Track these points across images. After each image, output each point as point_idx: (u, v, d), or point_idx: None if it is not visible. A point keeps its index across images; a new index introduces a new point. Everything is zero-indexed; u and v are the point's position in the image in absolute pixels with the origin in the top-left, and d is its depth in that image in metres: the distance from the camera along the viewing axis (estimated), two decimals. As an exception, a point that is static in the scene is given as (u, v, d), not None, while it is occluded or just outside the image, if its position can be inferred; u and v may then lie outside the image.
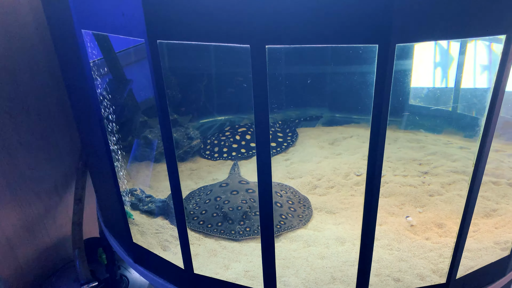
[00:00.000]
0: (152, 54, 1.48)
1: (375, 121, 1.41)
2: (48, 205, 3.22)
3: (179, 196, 1.72)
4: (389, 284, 1.85)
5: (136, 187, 2.49)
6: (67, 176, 3.33)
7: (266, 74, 1.38)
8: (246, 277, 1.94)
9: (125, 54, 2.88)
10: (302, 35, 1.29)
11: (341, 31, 1.28)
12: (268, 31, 1.31)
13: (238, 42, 1.35)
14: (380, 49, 1.29)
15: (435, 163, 2.72)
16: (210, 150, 3.13)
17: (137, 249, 2.11)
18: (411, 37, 1.30)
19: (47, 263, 3.28)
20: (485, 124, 1.52)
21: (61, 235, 3.38)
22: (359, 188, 2.56)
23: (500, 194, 2.39)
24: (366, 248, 1.63)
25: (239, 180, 2.58)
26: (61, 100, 3.09)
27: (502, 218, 2.20)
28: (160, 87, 1.55)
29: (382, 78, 1.33)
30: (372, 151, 1.46)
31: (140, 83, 3.09)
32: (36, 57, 2.84)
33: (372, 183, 1.51)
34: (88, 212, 3.45)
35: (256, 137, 1.48)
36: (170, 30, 1.41)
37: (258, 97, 1.41)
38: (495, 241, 2.05)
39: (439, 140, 3.05)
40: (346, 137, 3.23)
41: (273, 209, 1.58)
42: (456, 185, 2.49)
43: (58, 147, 3.19)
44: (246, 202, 2.33)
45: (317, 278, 1.91)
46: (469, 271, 1.86)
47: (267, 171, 1.51)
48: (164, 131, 1.62)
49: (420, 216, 2.25)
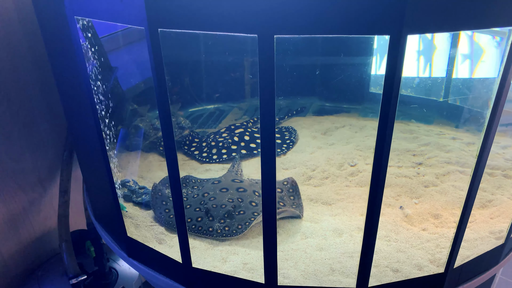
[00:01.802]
0: (153, 44, 1.41)
1: (384, 113, 1.38)
2: (32, 198, 3.11)
3: (178, 187, 1.67)
4: (388, 275, 1.86)
5: (129, 178, 2.43)
6: (51, 167, 3.22)
7: (273, 65, 1.33)
8: (245, 270, 1.92)
9: (109, 39, 2.77)
10: (312, 25, 1.25)
11: (352, 21, 1.25)
12: (277, 20, 1.26)
13: (245, 31, 1.30)
14: (391, 40, 1.26)
15: (429, 154, 2.74)
16: (207, 153, 2.95)
17: (132, 243, 2.06)
18: (423, 28, 1.27)
19: (32, 257, 3.19)
20: (490, 115, 1.51)
21: (46, 228, 3.29)
22: (353, 178, 2.56)
23: (496, 185, 2.43)
24: (369, 241, 1.63)
25: (232, 179, 2.51)
26: (44, 89, 2.97)
27: (497, 209, 2.23)
28: (161, 80, 1.48)
29: (393, 70, 1.30)
30: (379, 141, 1.44)
31: (127, 69, 3.00)
32: (18, 44, 2.71)
33: (378, 177, 1.49)
34: (74, 203, 3.36)
35: (261, 126, 1.44)
36: (172, 18, 1.35)
37: (265, 88, 1.37)
38: (490, 231, 2.08)
39: (431, 130, 3.07)
40: (338, 127, 3.22)
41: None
42: (450, 176, 2.52)
43: (42, 138, 3.08)
44: (232, 201, 2.25)
45: (316, 269, 1.90)
46: (466, 260, 1.88)
47: (271, 162, 1.48)
48: (164, 123, 1.57)
49: (417, 207, 2.27)
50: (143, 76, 2.97)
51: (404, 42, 1.27)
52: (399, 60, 1.29)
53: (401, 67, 1.31)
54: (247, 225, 2.13)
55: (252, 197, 2.30)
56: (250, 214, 2.19)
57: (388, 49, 1.29)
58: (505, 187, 2.42)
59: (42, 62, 2.87)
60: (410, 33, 1.26)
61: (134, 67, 3.00)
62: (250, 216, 2.17)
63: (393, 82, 1.33)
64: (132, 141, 2.73)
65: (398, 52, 1.28)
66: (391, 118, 1.39)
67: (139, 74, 2.98)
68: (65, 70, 1.98)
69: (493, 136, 1.58)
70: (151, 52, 1.43)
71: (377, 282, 1.78)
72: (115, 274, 3.11)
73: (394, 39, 1.26)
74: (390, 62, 1.30)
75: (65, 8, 1.62)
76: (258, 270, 1.91)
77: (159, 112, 1.57)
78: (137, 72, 2.99)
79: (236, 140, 3.03)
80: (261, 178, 1.51)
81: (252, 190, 2.35)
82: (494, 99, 1.49)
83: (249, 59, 3.41)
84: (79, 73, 1.77)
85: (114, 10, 1.46)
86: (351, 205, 2.32)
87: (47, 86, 2.96)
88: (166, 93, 1.51)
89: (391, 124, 1.42)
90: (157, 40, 1.41)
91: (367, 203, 1.58)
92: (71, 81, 1.95)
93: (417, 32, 1.28)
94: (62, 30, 1.74)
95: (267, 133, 1.44)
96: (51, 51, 2.10)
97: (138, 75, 2.99)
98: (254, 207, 2.24)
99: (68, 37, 1.70)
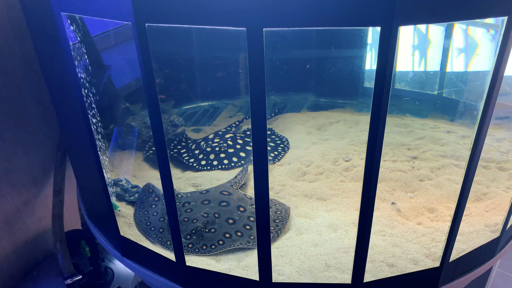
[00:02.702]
0: (140, 40, 1.39)
1: (376, 106, 1.36)
2: (26, 198, 3.08)
3: (170, 186, 1.65)
4: (383, 270, 1.85)
5: (121, 177, 2.40)
6: (45, 167, 3.19)
7: (263, 60, 1.31)
8: (239, 267, 1.90)
9: (101, 38, 2.75)
10: (302, 17, 1.23)
11: (343, 13, 1.23)
12: (266, 13, 1.24)
13: (233, 25, 1.28)
14: (382, 32, 1.25)
15: (423, 148, 2.73)
16: (205, 160, 2.71)
17: (125, 242, 2.04)
18: (414, 19, 1.26)
19: (27, 258, 3.17)
20: (483, 108, 1.50)
21: (41, 229, 3.26)
22: (348, 173, 2.55)
23: (490, 178, 2.42)
24: (363, 236, 1.61)
25: (222, 190, 2.31)
26: (37, 87, 2.94)
27: (492, 202, 2.22)
28: (149, 77, 1.48)
29: (384, 61, 1.28)
30: (372, 135, 1.42)
31: (120, 68, 2.97)
32: (7, 42, 2.68)
33: (371, 171, 1.47)
34: (69, 203, 3.33)
35: (252, 124, 1.42)
36: (159, 12, 1.32)
37: (255, 83, 1.35)
38: (485, 224, 2.07)
39: (426, 124, 3.06)
40: (333, 122, 3.20)
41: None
42: (445, 169, 2.50)
43: (35, 137, 3.05)
44: (207, 215, 2.07)
45: (311, 266, 1.89)
46: (461, 254, 1.87)
47: (263, 157, 1.46)
48: (153, 121, 1.54)
49: (412, 201, 2.26)
50: (135, 74, 2.95)
51: (396, 34, 1.25)
52: (391, 52, 1.27)
53: (392, 59, 1.29)
54: (212, 249, 1.97)
55: (232, 213, 2.12)
56: (220, 234, 2.02)
57: (380, 40, 1.27)
58: (500, 180, 2.41)
59: (34, 60, 2.83)
60: (401, 24, 1.24)
61: (126, 66, 2.98)
62: (219, 239, 2.00)
63: (385, 75, 1.31)
64: (125, 139, 2.71)
65: (390, 43, 1.26)
66: (383, 111, 1.38)
67: (132, 73, 2.96)
68: (54, 69, 1.96)
69: (486, 129, 1.56)
70: (139, 48, 1.41)
71: (373, 277, 1.76)
72: (111, 273, 3.09)
73: (386, 30, 1.24)
74: (381, 54, 1.28)
75: (51, 3, 1.59)
76: (252, 268, 1.89)
77: (148, 110, 1.56)
78: (129, 71, 2.96)
79: (231, 143, 2.86)
80: (253, 169, 1.48)
81: (236, 205, 2.17)
82: (487, 91, 1.48)
83: (245, 55, 3.38)
84: (68, 71, 1.74)
85: (100, 5, 1.44)
86: (346, 200, 2.31)
87: (39, 84, 2.93)
88: (155, 91, 1.50)
89: (383, 118, 1.40)
90: (145, 36, 1.38)
91: (361, 198, 1.57)
92: (60, 80, 1.92)
93: (408, 23, 1.26)
94: (49, 27, 1.71)
95: (259, 130, 1.42)
96: (39, 49, 2.07)
97: (131, 74, 2.96)
98: (229, 225, 2.07)
99: (56, 34, 1.67)
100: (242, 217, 2.12)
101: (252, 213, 2.08)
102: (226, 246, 1.99)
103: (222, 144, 2.79)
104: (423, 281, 1.84)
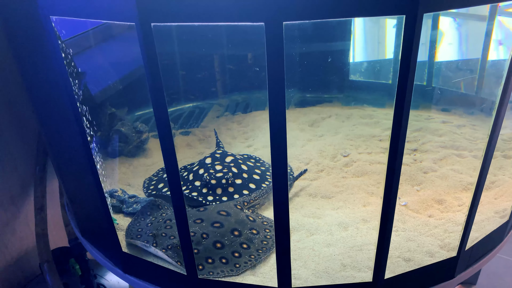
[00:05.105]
0: (145, 42, 1.27)
1: (400, 97, 1.32)
2: (5, 218, 2.88)
3: (180, 193, 1.55)
4: (400, 265, 1.81)
5: (116, 188, 2.25)
6: (23, 184, 2.99)
7: (283, 56, 1.24)
8: (251, 274, 1.82)
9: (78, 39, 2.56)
10: (325, 8, 1.16)
11: (367, 2, 1.16)
12: (285, 6, 1.16)
13: (250, 20, 1.19)
14: (407, 20, 1.20)
15: (422, 139, 2.72)
16: (212, 195, 2.31)
17: (127, 258, 1.91)
18: (440, 5, 1.21)
19: (10, 282, 2.96)
20: (500, 98, 1.48)
21: (23, 249, 3.06)
22: (349, 169, 2.50)
23: (497, 166, 2.43)
24: (384, 235, 1.58)
25: (220, 210, 2.09)
26: (9, 99, 2.73)
27: (500, 189, 2.23)
28: (156, 80, 1.35)
29: (409, 50, 1.24)
30: (396, 126, 1.38)
31: (99, 71, 2.77)
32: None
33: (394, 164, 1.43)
34: (51, 220, 3.14)
35: (270, 119, 1.35)
36: (167, 10, 1.22)
37: (273, 81, 1.28)
38: (495, 211, 2.08)
39: (420, 115, 3.05)
40: (324, 118, 3.16)
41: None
42: (448, 160, 2.50)
43: (10, 153, 2.84)
44: (194, 235, 1.89)
45: (327, 267, 1.83)
46: (475, 242, 1.87)
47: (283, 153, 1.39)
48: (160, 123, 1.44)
49: (419, 194, 2.24)
50: (118, 75, 2.78)
51: (421, 22, 1.20)
52: (416, 41, 1.23)
53: (417, 48, 1.24)
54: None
55: (223, 236, 1.93)
56: (202, 258, 1.85)
57: (404, 29, 1.22)
58: (506, 167, 2.42)
59: (5, 67, 2.63)
60: (426, 11, 1.19)
61: (107, 67, 2.80)
62: (198, 263, 1.82)
63: (409, 64, 1.26)
64: (114, 147, 2.55)
65: (415, 32, 1.21)
66: (407, 101, 1.35)
67: (114, 74, 2.78)
68: (39, 75, 1.80)
69: (502, 119, 1.56)
70: (145, 51, 1.30)
71: (392, 273, 1.73)
72: (104, 290, 2.94)
73: (410, 18, 1.19)
74: (406, 43, 1.23)
75: (38, 7, 1.45)
76: (266, 274, 1.81)
77: (155, 114, 1.45)
78: (111, 72, 2.79)
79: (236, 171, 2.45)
80: (271, 165, 1.43)
81: (231, 228, 1.98)
82: (503, 82, 1.46)
83: (227, 52, 3.28)
84: (57, 76, 1.60)
85: (97, 5, 1.31)
86: (351, 197, 2.26)
87: (11, 94, 2.73)
88: (163, 94, 1.39)
89: (407, 109, 1.38)
90: (151, 37, 1.27)
91: (383, 196, 1.54)
92: (47, 86, 1.77)
93: (433, 10, 1.22)
94: (35, 31, 1.57)
95: (278, 124, 1.36)
96: (21, 54, 1.90)
97: (113, 75, 2.79)
98: (215, 249, 1.87)
99: (42, 38, 1.53)
100: (233, 242, 1.93)
101: (248, 239, 1.96)
102: (204, 272, 1.79)
103: (228, 175, 2.38)
104: (441, 271, 1.82)
